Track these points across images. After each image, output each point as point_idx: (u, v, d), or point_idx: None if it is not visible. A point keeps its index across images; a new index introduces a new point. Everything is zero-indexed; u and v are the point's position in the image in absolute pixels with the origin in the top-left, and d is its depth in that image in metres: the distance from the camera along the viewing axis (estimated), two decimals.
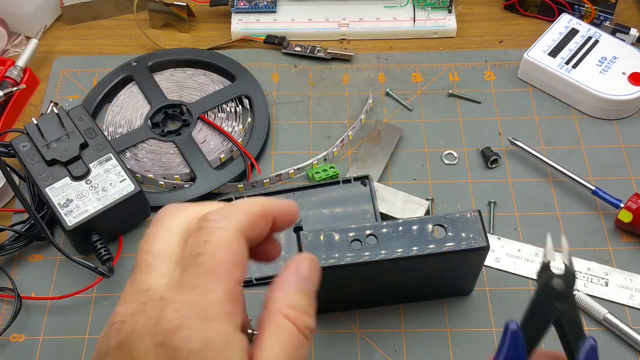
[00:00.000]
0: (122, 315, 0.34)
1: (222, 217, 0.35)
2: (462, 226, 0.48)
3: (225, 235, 0.35)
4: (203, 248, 0.34)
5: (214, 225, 0.35)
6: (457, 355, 0.53)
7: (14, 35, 0.75)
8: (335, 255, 0.47)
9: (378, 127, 0.65)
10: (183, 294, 0.33)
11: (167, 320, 0.32)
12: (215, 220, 0.35)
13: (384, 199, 0.59)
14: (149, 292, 0.34)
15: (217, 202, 0.41)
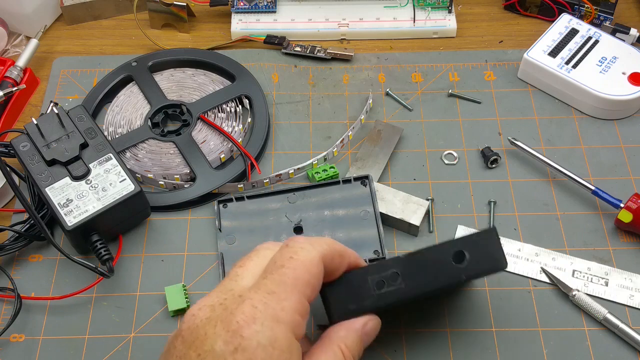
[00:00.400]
0: (201, 304, 0.39)
1: (308, 242, 0.42)
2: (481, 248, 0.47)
3: (308, 256, 0.40)
4: (287, 262, 0.40)
5: (300, 246, 0.41)
6: (457, 355, 0.53)
7: (14, 35, 0.75)
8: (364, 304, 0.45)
9: (378, 127, 0.65)
10: (261, 294, 0.38)
11: (242, 312, 0.37)
12: (301, 242, 0.41)
13: (384, 199, 0.59)
14: (232, 291, 0.40)
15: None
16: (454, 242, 0.47)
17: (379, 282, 0.45)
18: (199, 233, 0.60)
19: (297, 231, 0.59)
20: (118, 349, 0.54)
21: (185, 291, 0.55)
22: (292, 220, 0.59)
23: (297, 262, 0.40)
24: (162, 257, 0.59)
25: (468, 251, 0.46)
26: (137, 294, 0.57)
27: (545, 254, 0.57)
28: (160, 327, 0.55)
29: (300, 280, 0.40)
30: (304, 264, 0.40)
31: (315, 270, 0.41)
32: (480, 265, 0.47)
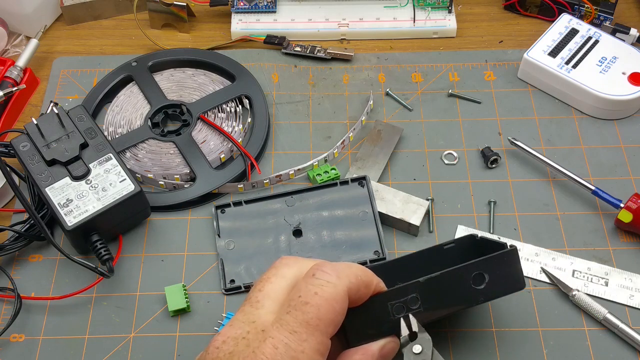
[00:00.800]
0: (225, 336, 0.40)
1: (335, 273, 0.41)
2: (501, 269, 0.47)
3: (333, 292, 0.40)
4: (311, 299, 0.39)
5: (327, 279, 0.40)
6: (457, 355, 0.53)
7: (14, 35, 0.75)
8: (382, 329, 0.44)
9: (378, 127, 0.65)
10: (283, 334, 0.38)
11: (263, 353, 0.38)
12: (328, 273, 0.40)
13: (384, 199, 0.59)
14: (254, 324, 0.39)
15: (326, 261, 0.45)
16: (474, 264, 0.46)
17: (398, 307, 0.44)
18: (198, 233, 0.60)
19: (296, 234, 0.59)
20: (118, 349, 0.54)
21: (185, 291, 0.55)
22: (291, 223, 0.59)
23: (321, 300, 0.39)
24: (162, 257, 0.59)
25: (488, 273, 0.46)
26: (137, 294, 0.57)
27: (545, 254, 0.57)
28: (160, 327, 0.55)
29: (324, 320, 0.39)
30: (329, 302, 0.39)
31: (339, 308, 0.40)
32: (499, 287, 0.47)
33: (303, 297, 0.39)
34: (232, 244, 0.58)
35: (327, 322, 0.39)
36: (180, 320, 0.55)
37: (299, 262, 0.43)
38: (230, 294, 0.56)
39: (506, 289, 0.48)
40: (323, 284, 0.40)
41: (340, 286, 0.40)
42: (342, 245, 0.58)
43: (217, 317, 0.55)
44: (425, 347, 0.44)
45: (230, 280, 0.57)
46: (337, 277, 0.40)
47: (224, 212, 0.60)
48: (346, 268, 0.42)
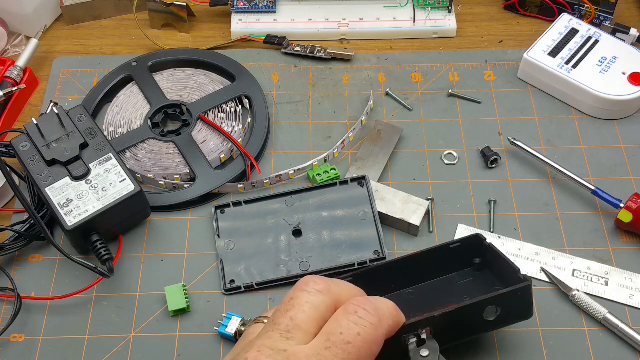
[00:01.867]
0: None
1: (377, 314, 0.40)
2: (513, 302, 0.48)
3: (374, 335, 0.39)
4: (354, 339, 0.38)
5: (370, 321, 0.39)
6: (457, 355, 0.53)
7: (14, 35, 0.75)
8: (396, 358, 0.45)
9: (378, 127, 0.65)
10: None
11: None
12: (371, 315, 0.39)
13: (384, 199, 0.59)
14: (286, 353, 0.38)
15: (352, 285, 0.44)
16: (490, 300, 0.46)
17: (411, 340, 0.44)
18: (198, 233, 0.60)
19: (296, 234, 0.58)
20: (118, 349, 0.54)
21: (185, 291, 0.55)
22: (291, 223, 0.59)
23: (364, 342, 0.38)
24: (162, 257, 0.59)
25: (501, 307, 0.47)
26: (137, 294, 0.57)
27: (545, 253, 0.57)
28: (160, 327, 0.55)
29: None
30: (370, 345, 0.39)
31: (376, 351, 0.39)
32: (509, 318, 0.48)
33: (345, 335, 0.38)
34: (232, 244, 0.58)
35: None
36: (180, 320, 0.55)
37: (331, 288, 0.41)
38: (230, 294, 0.56)
39: (514, 319, 0.49)
40: (366, 324, 0.39)
41: (381, 329, 0.40)
42: (342, 245, 0.58)
43: (217, 317, 0.55)
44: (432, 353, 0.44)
45: (230, 280, 0.57)
46: (379, 320, 0.40)
47: (223, 212, 0.60)
48: (385, 309, 0.41)
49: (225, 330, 0.53)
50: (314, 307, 0.40)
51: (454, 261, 0.54)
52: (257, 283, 0.56)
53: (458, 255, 0.53)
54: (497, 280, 0.52)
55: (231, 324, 0.53)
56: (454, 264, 0.54)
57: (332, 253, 0.57)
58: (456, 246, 0.53)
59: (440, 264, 0.54)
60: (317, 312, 0.40)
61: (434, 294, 0.53)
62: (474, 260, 0.54)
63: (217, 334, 0.54)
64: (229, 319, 0.54)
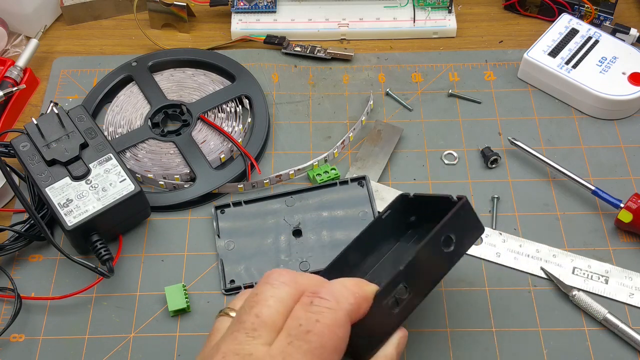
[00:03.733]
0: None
1: (333, 298, 0.39)
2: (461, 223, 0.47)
3: (334, 318, 0.38)
4: (313, 326, 0.37)
5: (326, 306, 0.38)
6: (457, 355, 0.53)
7: (14, 35, 0.75)
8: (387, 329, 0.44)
9: (378, 127, 0.65)
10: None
11: None
12: (326, 300, 0.39)
13: (385, 199, 0.59)
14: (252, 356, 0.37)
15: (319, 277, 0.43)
16: (440, 230, 0.46)
17: (392, 303, 0.44)
18: (198, 233, 0.60)
19: (296, 234, 0.58)
20: (118, 349, 0.54)
21: (185, 291, 0.55)
22: (291, 223, 0.59)
23: (323, 327, 0.38)
24: (162, 257, 0.59)
25: (453, 233, 0.47)
26: (137, 294, 0.57)
27: (545, 250, 0.58)
28: (160, 327, 0.55)
29: (327, 347, 0.37)
30: (331, 328, 0.38)
31: (342, 334, 0.38)
32: (466, 241, 0.48)
33: (304, 325, 0.38)
34: (232, 244, 0.58)
35: (331, 350, 0.38)
36: (180, 320, 0.55)
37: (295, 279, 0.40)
38: (230, 294, 0.56)
39: (471, 240, 0.49)
40: (323, 310, 0.38)
41: (340, 311, 0.39)
42: (341, 245, 0.57)
43: None
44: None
45: (230, 280, 0.57)
46: (336, 302, 0.39)
47: (223, 212, 0.60)
48: (342, 289, 0.40)
49: None
50: (278, 300, 0.39)
51: (397, 228, 0.55)
52: (256, 282, 0.56)
53: (396, 222, 0.54)
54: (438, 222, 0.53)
55: None
56: (398, 232, 0.55)
57: (332, 253, 0.57)
58: (388, 214, 0.54)
59: (386, 236, 0.55)
60: (283, 304, 0.39)
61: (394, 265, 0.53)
62: (409, 220, 0.55)
63: None
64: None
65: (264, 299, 0.39)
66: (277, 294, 0.39)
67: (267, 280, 0.40)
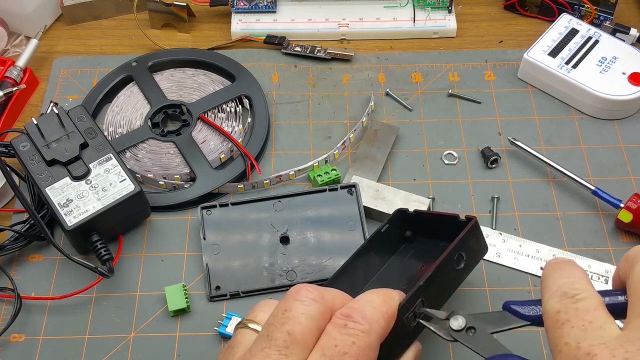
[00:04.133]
0: None
1: (367, 322, 0.39)
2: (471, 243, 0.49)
3: (368, 341, 0.39)
4: (349, 348, 0.38)
5: (361, 329, 0.39)
6: (457, 355, 0.53)
7: (14, 35, 0.75)
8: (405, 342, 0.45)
9: (374, 127, 0.65)
10: None
11: None
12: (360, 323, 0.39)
13: (385, 199, 0.59)
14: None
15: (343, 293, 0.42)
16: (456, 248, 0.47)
17: (410, 318, 0.44)
18: (198, 233, 0.60)
19: (283, 240, 0.58)
20: (118, 349, 0.54)
21: (185, 291, 0.55)
22: (278, 229, 0.59)
23: (358, 350, 0.38)
24: (162, 257, 0.59)
25: (464, 251, 0.48)
26: (137, 294, 0.57)
27: (545, 250, 0.58)
28: (160, 327, 0.55)
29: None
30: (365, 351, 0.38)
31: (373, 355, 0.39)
32: (474, 260, 0.50)
33: (340, 347, 0.38)
34: (218, 249, 0.58)
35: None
36: (180, 320, 0.55)
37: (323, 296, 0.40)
38: (215, 301, 0.56)
39: (477, 259, 0.51)
40: (358, 333, 0.38)
41: (373, 334, 0.39)
42: (329, 253, 0.57)
43: (217, 317, 0.55)
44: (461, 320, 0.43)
45: (216, 286, 0.56)
46: (370, 325, 0.39)
47: (210, 213, 0.59)
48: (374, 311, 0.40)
49: (225, 330, 0.53)
50: (310, 317, 0.39)
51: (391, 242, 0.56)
52: (242, 291, 0.56)
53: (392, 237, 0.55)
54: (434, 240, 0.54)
55: (231, 324, 0.53)
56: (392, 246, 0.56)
57: (320, 261, 0.57)
58: (387, 228, 0.54)
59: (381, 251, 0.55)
60: (314, 322, 0.39)
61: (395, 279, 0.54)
62: (405, 234, 0.56)
63: (217, 334, 0.54)
64: (229, 319, 0.54)
65: (295, 316, 0.39)
66: (308, 312, 0.39)
67: (296, 296, 0.40)
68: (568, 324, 0.35)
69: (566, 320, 0.35)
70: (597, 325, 0.35)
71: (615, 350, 0.33)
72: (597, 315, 0.35)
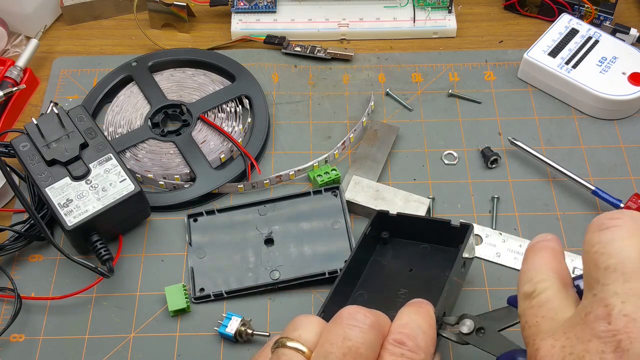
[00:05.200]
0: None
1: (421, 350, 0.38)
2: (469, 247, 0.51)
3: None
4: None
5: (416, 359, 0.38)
6: (458, 355, 0.53)
7: (14, 35, 0.75)
8: None
9: (374, 127, 0.65)
10: None
11: None
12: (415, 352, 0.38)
13: (385, 199, 0.59)
14: None
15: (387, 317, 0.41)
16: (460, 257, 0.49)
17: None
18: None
19: (268, 243, 0.58)
20: (118, 349, 0.54)
21: (185, 291, 0.55)
22: (263, 232, 0.59)
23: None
24: (162, 257, 0.59)
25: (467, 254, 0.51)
26: (137, 294, 0.57)
27: None
28: (160, 327, 0.55)
29: None
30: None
31: None
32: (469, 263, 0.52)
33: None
34: (203, 252, 0.58)
35: None
36: (180, 320, 0.55)
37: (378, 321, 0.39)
38: (199, 302, 0.56)
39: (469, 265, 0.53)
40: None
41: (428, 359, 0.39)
42: (313, 254, 0.57)
43: (217, 317, 0.55)
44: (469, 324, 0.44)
45: (200, 288, 0.56)
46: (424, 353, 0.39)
47: (196, 220, 0.60)
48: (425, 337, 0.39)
49: (225, 330, 0.53)
50: (370, 347, 0.37)
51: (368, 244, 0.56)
52: (226, 291, 0.56)
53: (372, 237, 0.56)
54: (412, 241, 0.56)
55: (231, 324, 0.53)
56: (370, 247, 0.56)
57: (303, 262, 0.57)
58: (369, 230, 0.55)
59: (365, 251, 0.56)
60: (373, 352, 0.38)
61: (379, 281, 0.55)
62: (382, 235, 0.56)
63: (217, 334, 0.54)
64: (229, 319, 0.54)
65: (356, 346, 0.37)
66: (368, 341, 0.38)
67: (354, 322, 0.38)
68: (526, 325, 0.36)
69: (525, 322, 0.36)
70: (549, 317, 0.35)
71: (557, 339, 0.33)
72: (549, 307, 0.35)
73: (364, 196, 0.60)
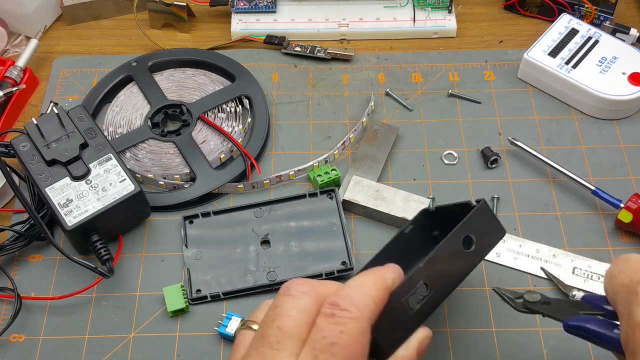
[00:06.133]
0: None
1: (355, 307, 0.38)
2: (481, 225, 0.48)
3: (357, 327, 0.38)
4: (338, 338, 0.37)
5: (349, 316, 0.38)
6: (458, 355, 0.53)
7: (14, 35, 0.75)
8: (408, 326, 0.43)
9: (374, 127, 0.65)
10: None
11: None
12: (347, 310, 0.38)
13: (385, 199, 0.59)
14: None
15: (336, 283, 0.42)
16: (458, 232, 0.46)
17: (412, 300, 0.43)
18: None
19: (265, 244, 0.58)
20: (118, 349, 0.54)
21: (183, 291, 0.55)
22: (259, 234, 0.59)
23: (348, 338, 0.37)
24: (162, 257, 0.59)
25: (473, 234, 0.47)
26: (137, 294, 0.57)
27: (545, 250, 0.58)
28: (160, 327, 0.55)
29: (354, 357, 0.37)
30: (355, 338, 0.37)
31: (366, 341, 0.38)
32: (488, 242, 0.48)
33: (328, 337, 0.37)
34: (199, 254, 0.58)
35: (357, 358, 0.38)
36: (180, 320, 0.55)
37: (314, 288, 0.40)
38: (196, 304, 0.56)
39: (493, 241, 0.49)
40: (346, 321, 0.38)
41: (363, 319, 0.38)
42: (310, 255, 0.57)
43: (217, 317, 0.55)
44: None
45: (197, 290, 0.56)
46: (358, 310, 0.38)
47: (192, 222, 0.60)
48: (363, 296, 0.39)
49: (225, 330, 0.53)
50: (300, 310, 0.38)
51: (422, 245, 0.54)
52: (223, 292, 0.56)
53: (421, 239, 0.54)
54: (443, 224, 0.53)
55: (231, 324, 0.53)
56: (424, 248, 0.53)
57: (300, 263, 0.57)
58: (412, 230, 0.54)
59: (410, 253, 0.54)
60: (305, 315, 0.38)
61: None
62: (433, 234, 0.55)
63: (217, 334, 0.54)
64: (229, 319, 0.54)
65: (285, 310, 0.39)
66: (298, 305, 0.39)
67: (287, 291, 0.40)
68: None
69: None
70: None
71: None
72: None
73: (364, 196, 0.60)
